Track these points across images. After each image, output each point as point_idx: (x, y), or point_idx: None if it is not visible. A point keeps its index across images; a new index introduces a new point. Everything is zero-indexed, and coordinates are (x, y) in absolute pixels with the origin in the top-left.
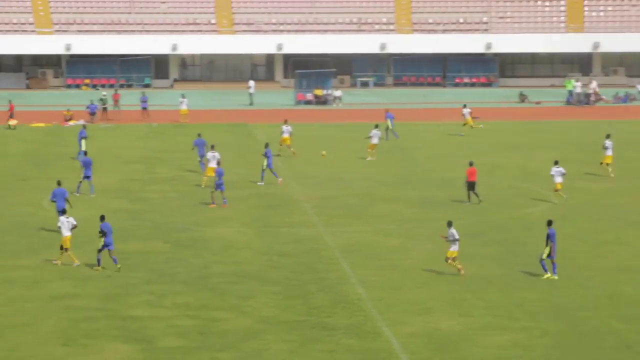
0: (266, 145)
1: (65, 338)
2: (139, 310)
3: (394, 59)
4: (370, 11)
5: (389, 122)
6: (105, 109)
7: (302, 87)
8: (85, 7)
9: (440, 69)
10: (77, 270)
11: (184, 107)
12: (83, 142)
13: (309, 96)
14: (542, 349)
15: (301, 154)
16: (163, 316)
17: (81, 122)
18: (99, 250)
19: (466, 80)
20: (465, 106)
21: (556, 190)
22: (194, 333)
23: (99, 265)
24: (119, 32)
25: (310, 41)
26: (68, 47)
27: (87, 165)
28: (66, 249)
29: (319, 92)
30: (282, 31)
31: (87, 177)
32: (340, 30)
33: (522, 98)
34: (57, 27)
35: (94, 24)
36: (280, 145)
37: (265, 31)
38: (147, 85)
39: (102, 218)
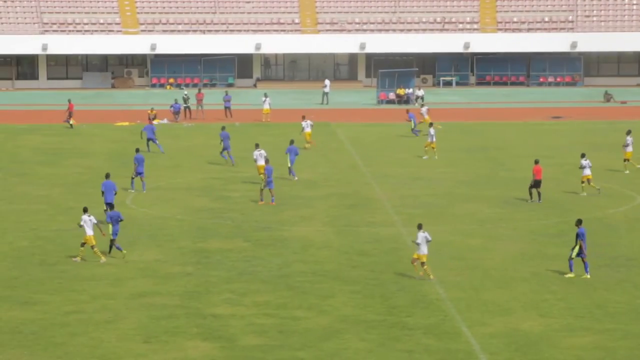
0: (291, 142)
1: (147, 335)
2: (219, 309)
3: (477, 58)
4: (455, 10)
5: (412, 122)
6: (188, 108)
7: (384, 87)
8: (170, 7)
9: (524, 68)
10: (159, 268)
11: (266, 106)
12: (149, 139)
13: (391, 95)
14: (625, 351)
15: (382, 153)
16: (243, 314)
17: (165, 120)
18: (113, 240)
19: (550, 79)
20: (423, 105)
21: (583, 182)
22: (274, 331)
23: (121, 250)
24: (203, 31)
25: (394, 40)
26: (153, 47)
27: (140, 162)
28: (92, 247)
29: (401, 91)
30: (365, 30)
31: (139, 173)
32: (424, 30)
33: (607, 97)
34: (142, 27)
35: (179, 23)
36: (307, 142)
37: (349, 30)
38: (230, 85)
39: (112, 207)
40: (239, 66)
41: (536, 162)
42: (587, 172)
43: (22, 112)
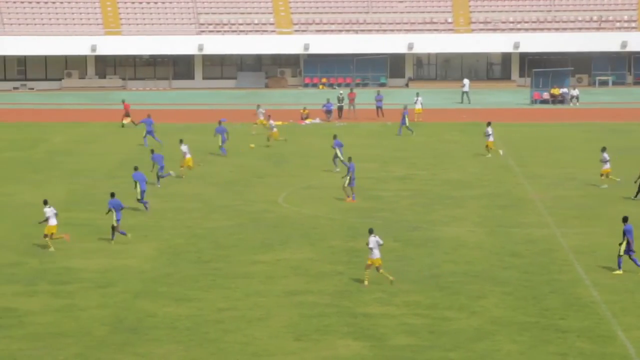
0: (334, 137)
1: (298, 333)
2: (370, 308)
3: (635, 57)
4: (612, 9)
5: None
6: (341, 107)
7: (538, 86)
8: (324, 7)
9: None
10: (311, 267)
11: (418, 106)
12: (219, 137)
13: (545, 95)
14: None
15: (535, 153)
16: (393, 314)
17: (317, 120)
18: (114, 227)
19: None
20: (259, 106)
21: (602, 175)
22: (424, 332)
23: (125, 234)
24: (356, 31)
25: (548, 39)
26: (306, 47)
27: (159, 160)
28: (47, 235)
29: (555, 91)
30: (519, 29)
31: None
32: (580, 29)
33: None
34: (296, 27)
35: (332, 23)
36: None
37: (502, 30)
38: (382, 84)
39: (112, 195)
40: (392, 66)
41: None
42: (606, 166)
43: (179, 111)
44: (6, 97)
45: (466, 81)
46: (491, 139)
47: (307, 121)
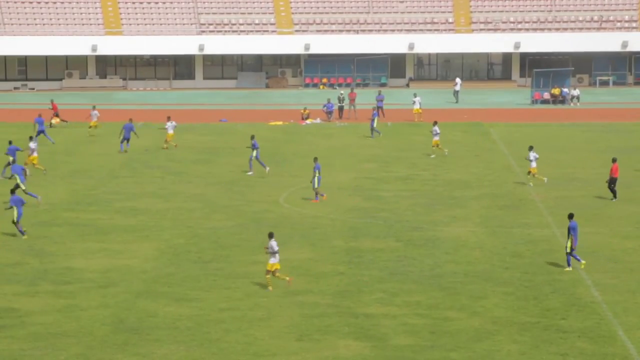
0: (252, 137)
1: (299, 333)
2: (371, 308)
3: (635, 57)
4: (612, 9)
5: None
6: (341, 108)
7: (538, 86)
8: (325, 8)
9: None
10: (312, 267)
11: (416, 106)
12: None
13: (546, 95)
14: None
15: (537, 154)
16: (395, 314)
17: (317, 120)
18: (16, 222)
19: None
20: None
21: (529, 173)
22: (425, 332)
23: (23, 234)
24: (357, 31)
25: (549, 39)
26: (307, 47)
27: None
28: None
29: (556, 91)
30: (519, 30)
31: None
32: (580, 29)
33: None
34: (297, 27)
35: (333, 23)
36: (166, 143)
37: (503, 30)
38: (383, 84)
39: (12, 192)
40: (392, 66)
41: (614, 160)
42: (534, 164)
43: (179, 111)
44: (7, 97)
45: (458, 80)
46: (437, 137)
47: (308, 121)
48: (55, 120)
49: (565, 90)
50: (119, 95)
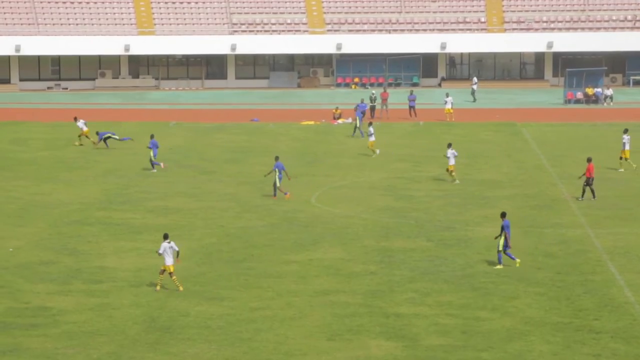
0: (151, 137)
1: (331, 333)
2: (402, 308)
3: None
4: None
5: (358, 120)
6: (373, 107)
7: (571, 86)
8: (357, 7)
9: None
10: (343, 267)
11: (448, 106)
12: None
13: (579, 95)
14: None
15: (569, 153)
16: (426, 314)
17: (349, 120)
18: None
19: None
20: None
21: (447, 170)
22: (457, 332)
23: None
24: (388, 31)
25: (582, 39)
26: (339, 47)
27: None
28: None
29: (589, 90)
30: (552, 29)
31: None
32: (614, 28)
33: None
34: (329, 27)
35: (365, 23)
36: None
37: (536, 29)
38: (415, 84)
39: None
40: (424, 65)
41: (589, 160)
42: (452, 161)
43: (211, 110)
44: (41, 97)
45: (475, 79)
46: (372, 138)
47: (340, 121)
48: None
49: (599, 89)
50: (151, 95)
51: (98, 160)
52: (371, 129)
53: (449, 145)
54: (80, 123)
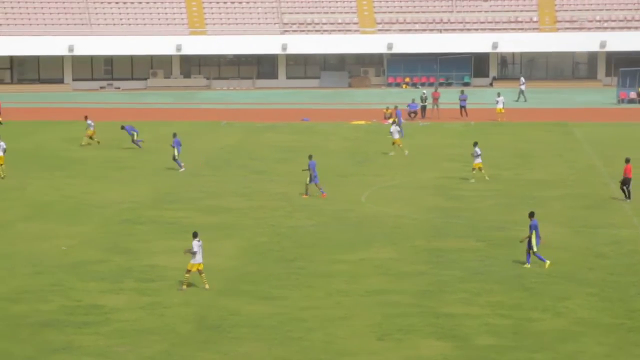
0: (174, 135)
1: (381, 332)
2: (453, 308)
3: None
4: None
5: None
6: (424, 107)
7: (625, 86)
8: (408, 7)
9: None
10: (393, 267)
11: (500, 106)
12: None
13: (632, 95)
14: None
15: (621, 153)
16: (477, 314)
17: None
18: None
19: None
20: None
21: (474, 169)
22: (508, 332)
23: None
24: (440, 30)
25: (636, 38)
26: (390, 46)
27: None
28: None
29: None
30: (605, 28)
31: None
32: None
33: None
34: (380, 27)
35: (416, 22)
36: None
37: (589, 28)
38: (466, 84)
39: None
40: (475, 65)
41: (627, 160)
42: (478, 160)
43: (262, 110)
44: (93, 97)
45: (523, 79)
46: (396, 135)
47: (390, 120)
48: None
49: None
50: (202, 95)
51: (148, 159)
52: (396, 128)
53: (475, 144)
54: (90, 122)
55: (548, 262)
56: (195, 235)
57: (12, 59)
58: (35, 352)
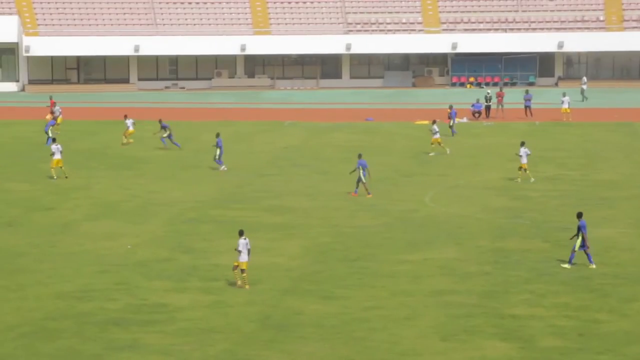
0: (217, 135)
1: (445, 333)
2: (518, 309)
3: None
4: None
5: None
6: (489, 107)
7: None
8: (472, 6)
9: None
10: (458, 267)
11: (565, 106)
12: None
13: None
14: None
15: None
16: (542, 315)
17: (464, 119)
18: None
19: None
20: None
21: (520, 169)
22: (573, 334)
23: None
24: (505, 30)
25: None
26: (454, 46)
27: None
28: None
29: None
30: None
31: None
32: None
33: None
34: (444, 26)
35: (480, 22)
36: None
37: None
38: (531, 84)
39: None
40: (541, 64)
41: None
42: (524, 160)
43: (326, 110)
44: (158, 96)
45: (585, 79)
46: (437, 136)
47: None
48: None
49: None
50: (266, 95)
51: (212, 159)
52: (435, 127)
53: (522, 144)
54: (129, 122)
55: (567, 265)
56: (241, 233)
57: (79, 59)
58: (101, 349)
